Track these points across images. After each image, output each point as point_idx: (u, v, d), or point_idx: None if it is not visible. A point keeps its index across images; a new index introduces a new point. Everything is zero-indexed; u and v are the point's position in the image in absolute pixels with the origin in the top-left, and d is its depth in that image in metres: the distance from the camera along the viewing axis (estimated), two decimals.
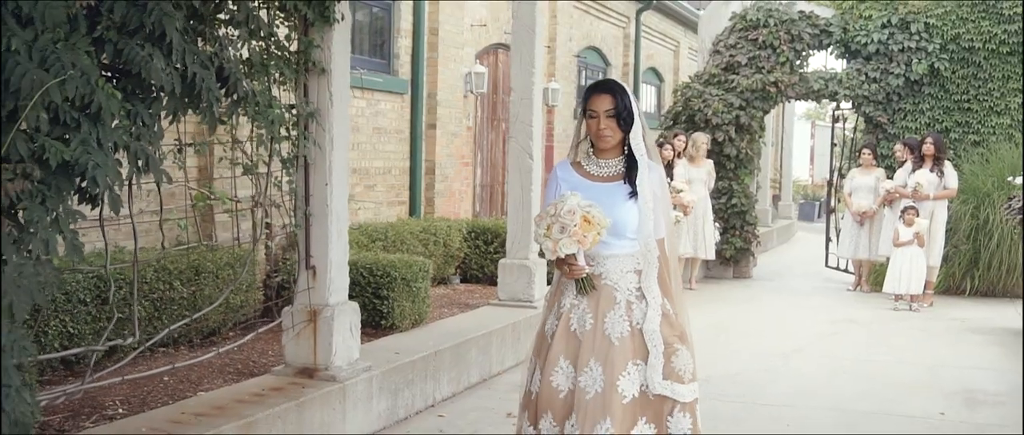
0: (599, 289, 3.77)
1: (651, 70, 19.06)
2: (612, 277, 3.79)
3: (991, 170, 11.98)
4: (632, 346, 3.71)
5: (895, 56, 12.83)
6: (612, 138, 3.83)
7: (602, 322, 3.74)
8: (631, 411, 3.65)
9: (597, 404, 3.63)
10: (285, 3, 5.06)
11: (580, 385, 3.68)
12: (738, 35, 13.33)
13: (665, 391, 3.67)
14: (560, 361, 3.76)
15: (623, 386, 3.64)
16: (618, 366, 3.66)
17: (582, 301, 3.79)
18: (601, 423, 3.61)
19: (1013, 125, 12.65)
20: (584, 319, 3.77)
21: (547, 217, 3.70)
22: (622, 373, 3.66)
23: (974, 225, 11.81)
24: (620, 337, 3.71)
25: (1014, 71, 12.58)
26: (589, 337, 3.73)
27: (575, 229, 3.62)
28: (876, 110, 12.99)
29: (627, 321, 3.73)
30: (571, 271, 3.75)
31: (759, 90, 12.98)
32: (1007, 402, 6.66)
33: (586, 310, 3.77)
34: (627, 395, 3.64)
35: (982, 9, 12.61)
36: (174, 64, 4.04)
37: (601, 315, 3.75)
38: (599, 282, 3.78)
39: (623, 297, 3.76)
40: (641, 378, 3.68)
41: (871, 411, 6.39)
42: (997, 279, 11.82)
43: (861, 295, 12.16)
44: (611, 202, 3.77)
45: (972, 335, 9.34)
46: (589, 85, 3.99)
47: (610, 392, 3.63)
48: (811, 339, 9.06)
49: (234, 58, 4.63)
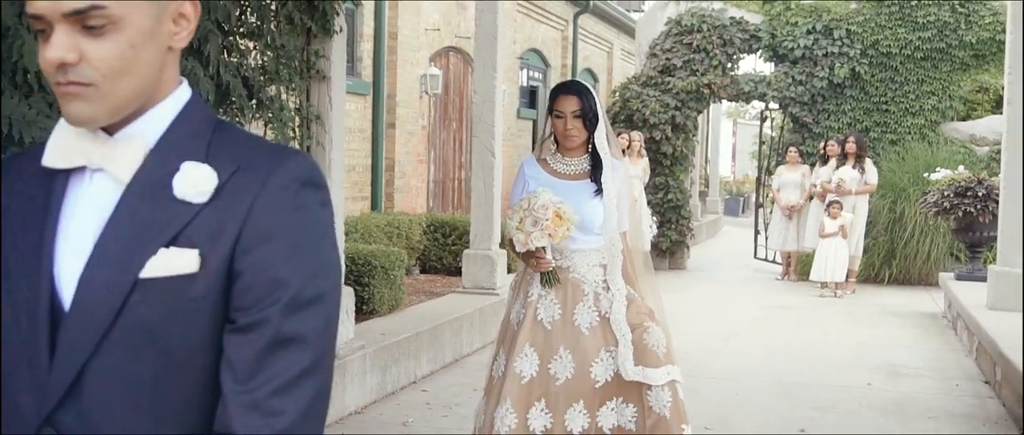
0: (565, 282, 3.88)
1: (587, 71, 19.81)
2: (580, 271, 3.91)
3: (907, 167, 12.90)
4: (602, 334, 3.81)
5: (819, 60, 13.72)
6: (578, 138, 3.94)
7: (571, 313, 3.84)
8: (603, 393, 3.76)
9: (569, 388, 3.75)
10: (292, 16, 5.63)
11: (551, 372, 3.77)
12: (673, 39, 14.10)
13: (638, 377, 3.75)
14: (525, 349, 3.83)
15: (596, 372, 3.77)
16: (590, 353, 3.78)
17: (549, 292, 3.88)
18: (574, 405, 3.73)
19: (926, 125, 13.63)
20: (552, 310, 3.85)
21: (520, 210, 3.80)
22: (595, 359, 3.78)
23: (892, 218, 12.71)
24: (590, 326, 3.82)
25: (928, 75, 13.57)
26: (558, 327, 3.82)
27: (547, 223, 3.70)
28: (802, 111, 13.88)
29: (595, 311, 3.84)
30: (538, 264, 3.84)
31: (693, 91, 13.77)
32: (925, 374, 7.47)
33: (554, 301, 3.86)
34: (599, 380, 3.76)
35: (899, 17, 13.57)
36: (210, 74, 4.60)
37: (569, 307, 3.85)
38: (566, 275, 3.89)
39: (590, 289, 3.88)
40: (615, 363, 3.78)
41: (807, 384, 7.13)
42: (912, 268, 12.73)
43: (789, 283, 13.01)
44: (578, 199, 3.87)
45: (891, 318, 10.20)
46: (556, 86, 4.10)
47: (582, 377, 3.76)
48: (747, 323, 9.83)
49: (253, 67, 5.20)
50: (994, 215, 10.03)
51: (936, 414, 6.27)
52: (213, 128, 1.37)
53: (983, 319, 7.60)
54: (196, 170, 1.30)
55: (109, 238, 1.29)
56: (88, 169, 1.33)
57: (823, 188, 12.26)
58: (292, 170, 1.32)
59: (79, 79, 1.26)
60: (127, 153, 1.31)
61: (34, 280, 1.29)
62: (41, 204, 1.33)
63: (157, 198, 1.30)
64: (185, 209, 1.29)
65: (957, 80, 13.71)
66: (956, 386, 7.07)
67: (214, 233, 1.29)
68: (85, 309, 1.27)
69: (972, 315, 7.92)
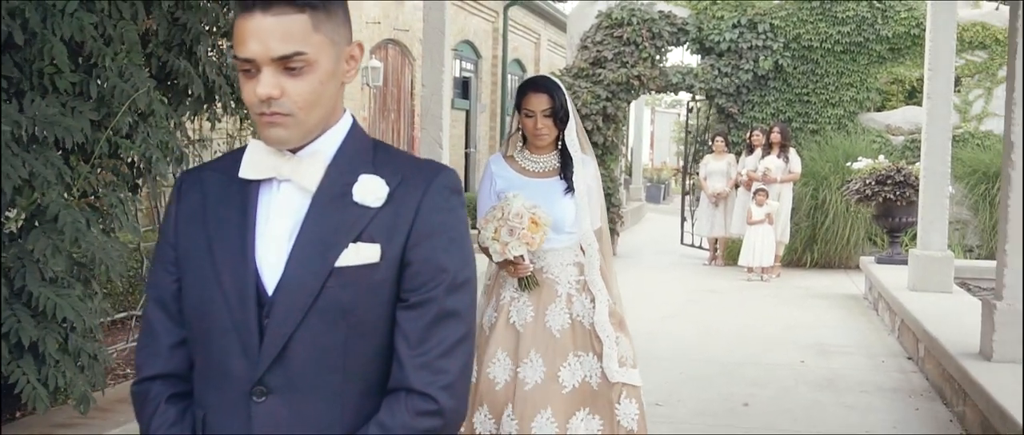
0: (541, 284, 3.81)
1: (516, 61, 20.16)
2: (553, 271, 3.83)
3: (827, 156, 13.50)
4: (573, 338, 3.75)
5: (744, 53, 14.25)
6: (548, 137, 3.84)
7: (543, 315, 3.77)
8: (570, 401, 3.70)
9: (537, 394, 3.67)
10: None
11: (520, 376, 3.70)
12: (604, 32, 14.49)
13: (622, 378, 3.72)
14: (498, 354, 3.79)
15: (564, 377, 3.70)
16: (559, 357, 3.71)
17: (523, 294, 3.81)
18: (541, 413, 3.65)
19: (845, 115, 14.26)
20: (524, 312, 3.79)
21: (494, 220, 3.70)
22: (563, 364, 3.71)
23: (813, 205, 13.30)
24: (561, 329, 3.75)
25: (846, 67, 14.20)
26: (529, 329, 3.76)
27: (523, 232, 3.63)
28: (727, 102, 14.40)
29: (568, 313, 3.77)
30: (517, 270, 3.76)
31: (624, 83, 14.17)
32: (853, 352, 7.96)
33: (527, 303, 3.80)
34: (567, 385, 3.69)
35: (820, 12, 14.15)
36: (200, 73, 4.82)
37: (542, 308, 3.78)
38: (540, 276, 3.81)
39: (564, 290, 3.81)
40: (583, 370, 3.73)
41: (744, 362, 7.57)
42: (833, 252, 13.35)
43: (716, 268, 13.53)
44: (549, 198, 3.79)
45: (816, 300, 10.74)
46: (524, 82, 3.97)
47: (550, 382, 3.68)
48: (681, 306, 10.27)
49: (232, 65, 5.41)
50: (911, 202, 10.63)
51: (866, 388, 6.74)
52: (373, 146, 1.71)
53: (906, 300, 8.13)
54: (371, 181, 1.64)
55: (307, 235, 1.62)
56: (276, 180, 1.66)
57: (749, 176, 12.77)
58: (444, 181, 1.68)
59: (280, 110, 1.59)
60: (311, 167, 1.65)
61: (240, 269, 1.62)
62: (239, 208, 1.66)
63: (341, 203, 1.64)
64: (365, 212, 1.63)
65: (874, 72, 14.36)
66: (882, 362, 7.57)
67: (389, 230, 1.63)
68: (291, 291, 1.60)
69: (895, 296, 8.45)
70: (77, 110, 3.87)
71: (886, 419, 5.99)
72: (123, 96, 4.06)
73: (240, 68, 1.61)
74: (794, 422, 5.92)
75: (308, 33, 1.58)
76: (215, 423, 1.64)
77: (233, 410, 1.61)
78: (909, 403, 6.36)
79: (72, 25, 3.74)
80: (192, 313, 1.67)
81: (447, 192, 1.67)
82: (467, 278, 1.67)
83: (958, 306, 7.90)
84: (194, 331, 1.67)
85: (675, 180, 33.87)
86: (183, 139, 4.83)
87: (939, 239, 8.77)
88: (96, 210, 4.18)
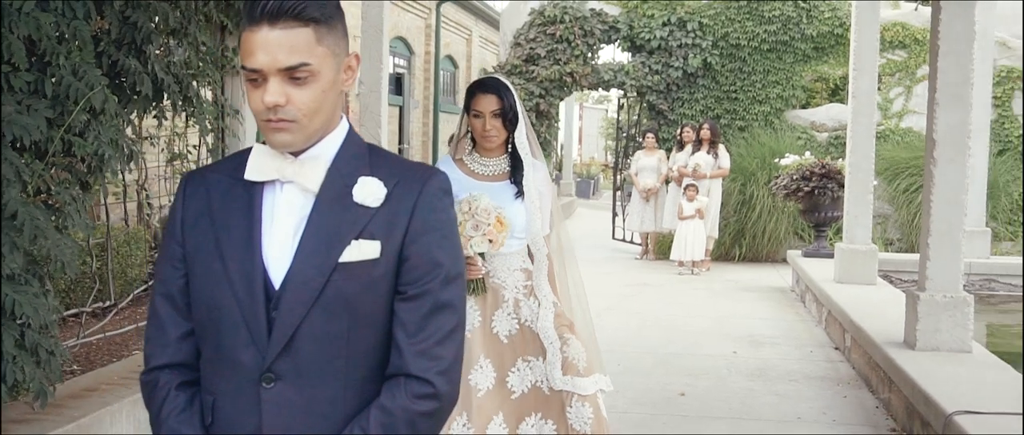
0: (487, 289, 3.74)
1: (448, 57, 20.26)
2: (500, 275, 3.77)
3: (754, 152, 13.84)
4: (522, 343, 3.71)
5: (674, 51, 14.54)
6: (497, 138, 3.78)
7: (490, 320, 3.73)
8: (520, 406, 3.66)
9: (488, 401, 3.64)
10: (210, 13, 5.89)
11: (470, 383, 3.64)
12: (537, 29, 14.68)
13: (566, 386, 3.65)
14: None
15: (512, 382, 3.67)
16: (507, 362, 3.68)
17: (470, 299, 3.70)
18: (494, 419, 3.61)
19: (771, 112, 14.62)
20: (472, 317, 3.72)
21: (459, 213, 3.61)
22: (511, 369, 3.68)
23: (741, 200, 13.62)
24: (509, 335, 3.71)
25: (773, 66, 14.57)
26: (478, 335, 3.71)
27: (489, 229, 3.59)
28: (658, 99, 14.68)
29: (515, 319, 3.73)
30: (469, 271, 3.63)
31: (557, 80, 14.39)
32: (782, 342, 8.23)
33: (474, 308, 3.72)
34: (516, 391, 3.67)
35: (747, 12, 14.50)
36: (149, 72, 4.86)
37: (488, 313, 3.73)
38: (488, 281, 3.75)
39: (511, 295, 3.75)
40: (533, 375, 3.69)
41: (679, 353, 7.79)
42: (760, 246, 13.68)
43: (648, 263, 13.78)
44: (499, 202, 3.70)
45: (746, 293, 11.02)
46: (473, 83, 3.90)
47: (500, 388, 3.65)
48: (616, 300, 10.47)
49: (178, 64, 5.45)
50: (835, 197, 10.97)
51: (796, 377, 6.99)
52: (368, 150, 1.84)
53: (833, 292, 8.42)
54: (370, 182, 1.77)
55: (312, 233, 1.75)
56: (279, 181, 1.79)
57: (680, 172, 13.04)
58: (436, 183, 1.82)
59: (286, 117, 1.72)
60: (313, 170, 1.78)
61: (248, 265, 1.75)
62: (244, 208, 1.79)
63: (342, 203, 1.77)
64: (365, 211, 1.77)
65: (799, 71, 14.75)
66: (810, 352, 7.84)
67: (388, 228, 1.77)
68: (298, 285, 1.73)
69: (822, 288, 8.74)
70: (33, 108, 3.90)
71: (816, 406, 6.23)
72: (78, 94, 4.10)
73: (247, 78, 1.73)
74: (729, 410, 6.13)
75: (312, 45, 1.70)
76: (225, 408, 1.76)
77: (243, 395, 1.74)
78: (837, 391, 6.62)
79: (29, 24, 3.77)
80: (201, 306, 1.78)
81: (440, 193, 1.82)
82: (459, 272, 1.82)
83: (882, 298, 8.21)
84: (203, 323, 1.79)
85: (604, 175, 34.27)
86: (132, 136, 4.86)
87: (863, 233, 9.09)
88: (50, 208, 4.21)
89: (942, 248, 5.93)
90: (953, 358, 5.74)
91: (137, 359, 5.66)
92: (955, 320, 5.88)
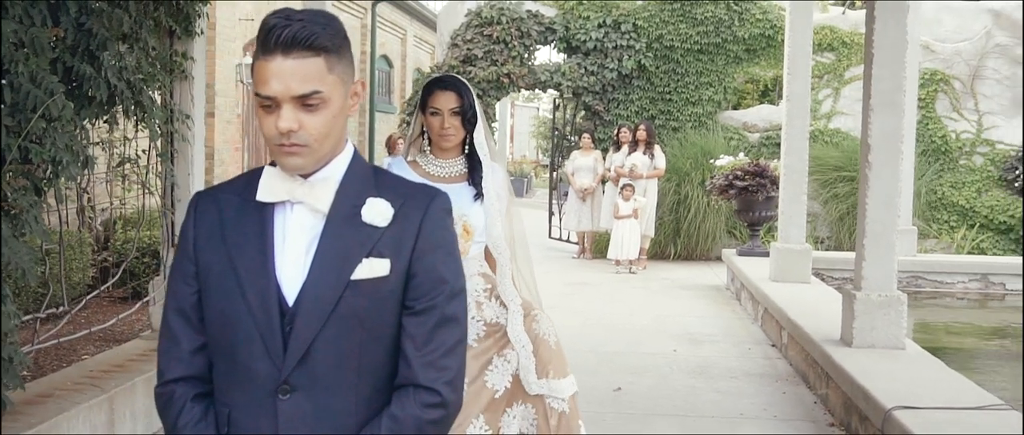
0: None
1: (383, 57, 20.25)
2: None
3: (688, 152, 14.09)
4: (492, 341, 3.66)
5: (609, 52, 14.73)
6: (455, 138, 3.66)
7: None
8: (502, 403, 3.63)
9: (468, 400, 3.51)
10: (157, 19, 5.88)
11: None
12: (474, 30, 14.77)
13: (542, 390, 3.66)
14: None
15: (491, 380, 3.63)
16: (482, 361, 3.63)
17: None
18: (474, 421, 3.58)
19: (704, 114, 14.89)
20: None
21: None
22: (488, 368, 3.63)
23: (677, 200, 13.87)
24: (477, 337, 3.65)
25: (705, 67, 14.84)
26: None
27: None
28: (594, 100, 14.87)
29: (480, 321, 3.68)
30: None
31: (494, 81, 14.48)
32: (720, 340, 8.44)
33: None
34: (499, 388, 3.62)
35: (680, 14, 14.75)
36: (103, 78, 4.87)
37: None
38: None
39: (472, 299, 3.68)
40: (511, 366, 3.65)
41: (620, 351, 7.94)
42: (695, 245, 13.94)
43: (585, 262, 13.96)
44: (457, 204, 3.54)
45: (683, 291, 11.25)
46: (430, 80, 3.77)
47: (479, 387, 3.60)
48: (556, 299, 10.58)
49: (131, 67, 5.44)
50: (769, 196, 11.23)
51: (735, 374, 7.18)
52: (373, 171, 1.92)
53: (769, 290, 8.64)
54: (378, 203, 1.87)
55: (324, 251, 1.84)
56: (289, 202, 1.87)
57: (617, 172, 13.23)
58: (439, 203, 1.93)
59: (298, 142, 1.81)
60: (323, 191, 1.86)
61: (263, 281, 1.83)
62: (256, 227, 1.87)
63: (352, 223, 1.86)
64: (374, 231, 1.86)
65: (731, 72, 15.04)
66: (748, 350, 8.05)
67: (396, 246, 1.86)
68: (312, 301, 1.82)
69: (758, 287, 8.96)
70: None
71: (756, 403, 6.42)
72: (36, 101, 4.11)
73: (260, 104, 1.81)
74: (673, 407, 6.29)
75: (323, 74, 1.79)
76: (241, 419, 1.84)
77: (259, 406, 1.82)
78: (776, 387, 6.82)
79: None
80: (216, 322, 1.86)
81: (443, 213, 1.93)
82: (461, 287, 1.93)
83: (817, 296, 8.45)
84: (218, 337, 1.86)
85: (536, 174, 34.45)
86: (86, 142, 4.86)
87: (798, 233, 9.34)
88: (7, 214, 4.21)
89: (877, 249, 6.14)
90: (888, 355, 5.96)
91: (88, 365, 5.65)
92: (890, 318, 6.10)
